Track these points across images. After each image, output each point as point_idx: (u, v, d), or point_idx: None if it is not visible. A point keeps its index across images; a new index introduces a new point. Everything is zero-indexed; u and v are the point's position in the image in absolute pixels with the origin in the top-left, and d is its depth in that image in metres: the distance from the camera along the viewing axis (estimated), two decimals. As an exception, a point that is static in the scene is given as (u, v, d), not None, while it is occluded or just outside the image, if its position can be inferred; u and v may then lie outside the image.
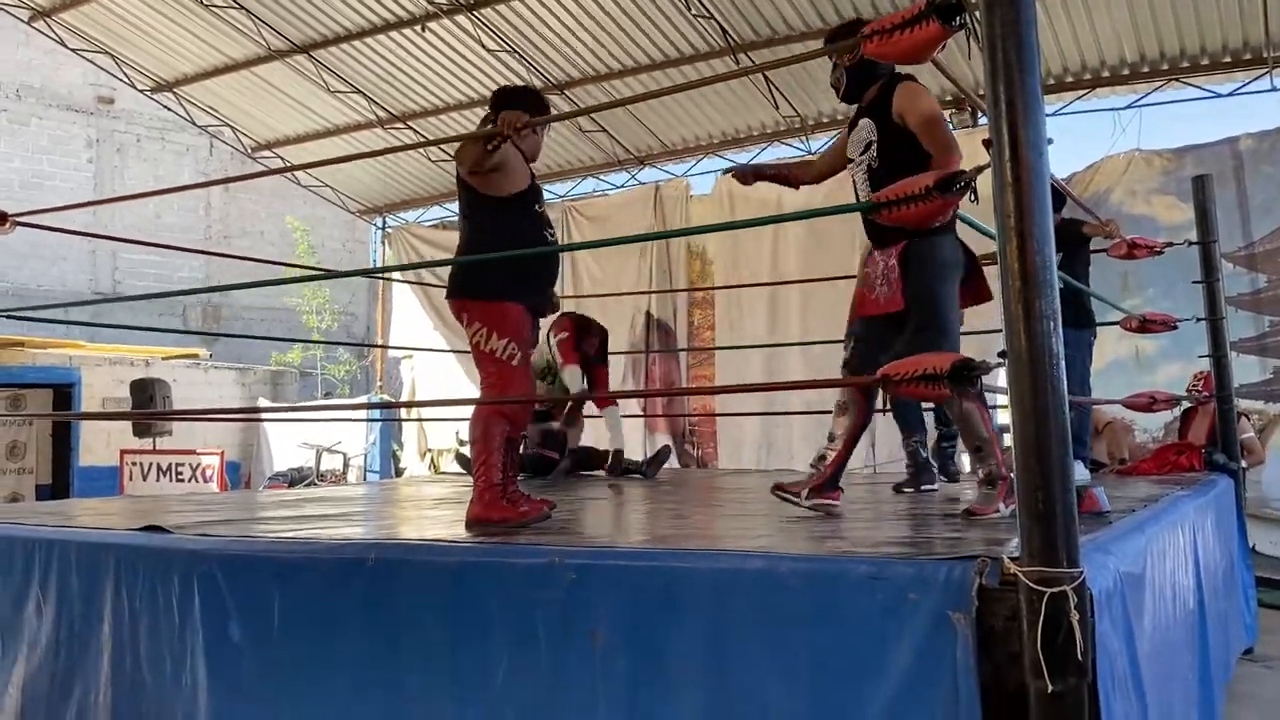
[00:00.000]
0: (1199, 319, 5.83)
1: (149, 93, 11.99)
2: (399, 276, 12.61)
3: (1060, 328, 2.00)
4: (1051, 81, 9.06)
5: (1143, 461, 6.30)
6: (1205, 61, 8.76)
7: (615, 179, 12.16)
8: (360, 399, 14.91)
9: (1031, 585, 1.90)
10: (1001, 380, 2.10)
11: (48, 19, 10.74)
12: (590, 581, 2.40)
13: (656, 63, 9.91)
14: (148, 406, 10.75)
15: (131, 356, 13.25)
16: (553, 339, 6.41)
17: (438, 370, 12.72)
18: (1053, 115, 9.12)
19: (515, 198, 3.56)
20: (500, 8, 9.45)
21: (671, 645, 2.28)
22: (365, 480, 12.45)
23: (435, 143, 5.62)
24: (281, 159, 12.57)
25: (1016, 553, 1.99)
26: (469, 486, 6.13)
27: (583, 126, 11.04)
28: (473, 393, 12.46)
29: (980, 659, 1.97)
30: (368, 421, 12.56)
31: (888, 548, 2.57)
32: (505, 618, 2.49)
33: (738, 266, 10.58)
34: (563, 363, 6.36)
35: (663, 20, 9.30)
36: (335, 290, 17.82)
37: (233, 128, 12.44)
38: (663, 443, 8.64)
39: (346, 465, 12.75)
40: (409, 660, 2.61)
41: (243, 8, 10.03)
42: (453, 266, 3.65)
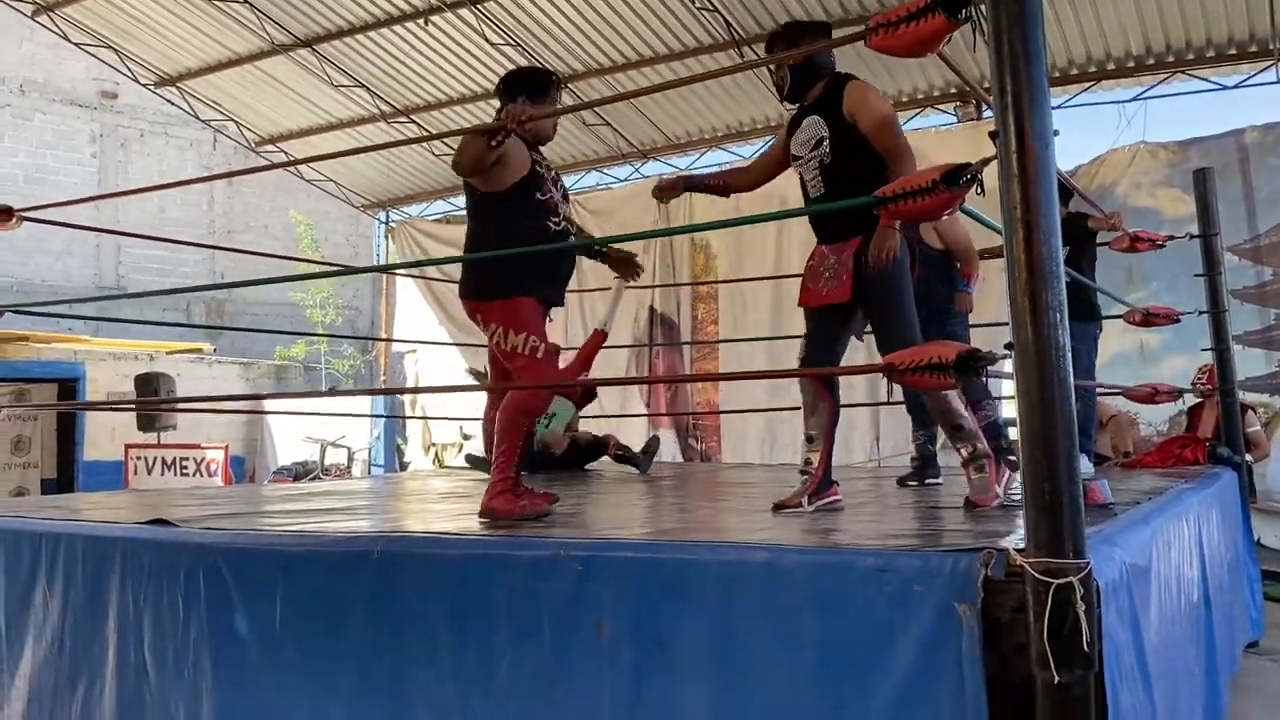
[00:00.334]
0: (1201, 312, 5.82)
1: (152, 87, 11.99)
2: (403, 273, 12.62)
3: (1067, 319, 1.99)
4: (1057, 74, 9.04)
5: (1146, 455, 6.29)
6: (1211, 54, 8.74)
7: (619, 173, 12.17)
8: (363, 388, 14.92)
9: (1038, 576, 1.90)
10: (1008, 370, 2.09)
11: (51, 13, 10.75)
12: (595, 573, 2.40)
13: (660, 56, 9.90)
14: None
15: (136, 351, 13.27)
16: None
17: (441, 364, 12.73)
18: (1058, 108, 9.11)
19: (513, 189, 3.50)
20: (504, 1, 9.44)
21: (677, 637, 2.29)
22: (369, 474, 12.46)
23: (439, 136, 5.61)
24: (285, 153, 12.57)
25: (1022, 544, 1.99)
26: (474, 481, 6.14)
27: (586, 120, 11.03)
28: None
29: (986, 650, 1.97)
30: (372, 416, 12.56)
31: (893, 540, 2.56)
32: (511, 609, 2.49)
33: (741, 260, 10.57)
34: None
35: (666, 14, 9.29)
36: (339, 285, 17.81)
37: (236, 122, 12.45)
38: (665, 436, 8.63)
39: (351, 460, 12.77)
40: (414, 652, 2.61)
41: (246, 2, 10.03)
42: (462, 266, 3.61)
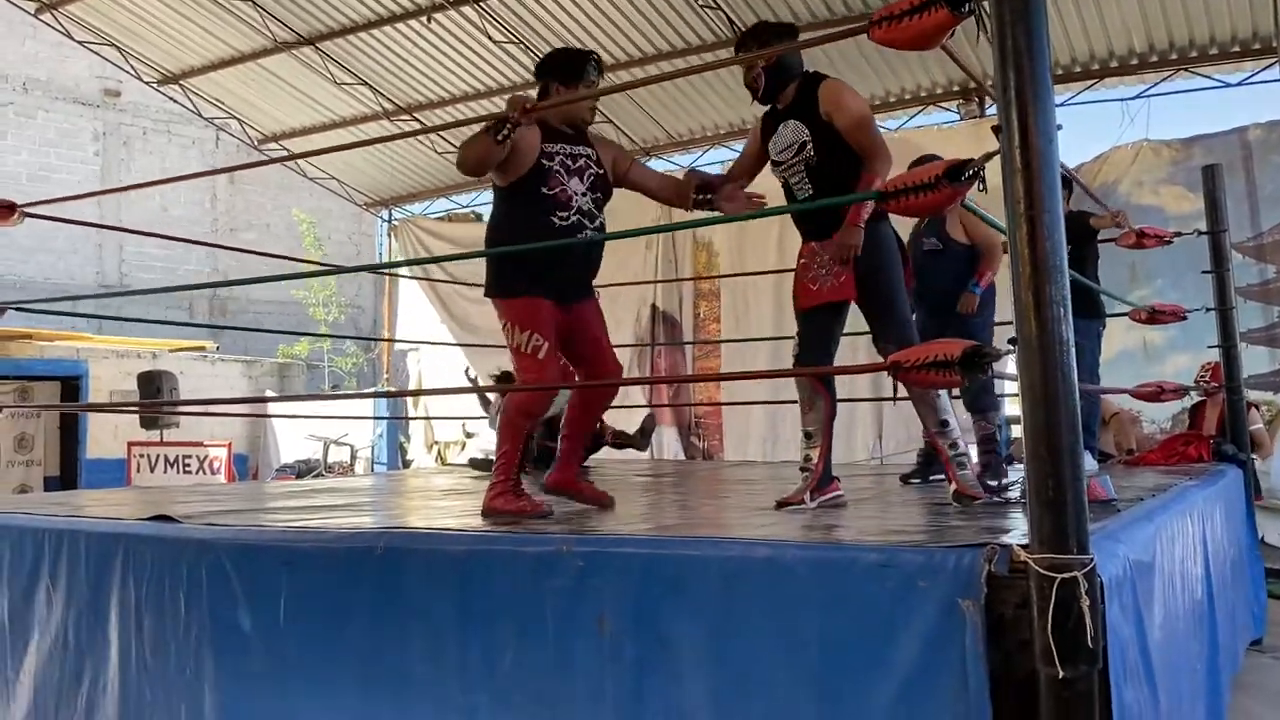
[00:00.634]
0: (1208, 309, 5.81)
1: (155, 85, 11.99)
2: (406, 271, 12.62)
3: (1070, 314, 1.99)
4: (1060, 72, 9.02)
5: (1150, 452, 6.28)
6: (1214, 51, 8.72)
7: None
8: (366, 390, 14.94)
9: (1042, 572, 1.89)
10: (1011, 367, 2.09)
11: (54, 11, 10.75)
12: (598, 569, 2.40)
13: (663, 53, 9.88)
14: (155, 399, 10.78)
15: (139, 349, 13.28)
16: None
17: (444, 362, 12.74)
18: (1061, 105, 9.06)
19: (517, 183, 3.47)
20: (506, -1, 9.44)
21: (679, 633, 2.29)
22: (372, 472, 12.47)
23: (440, 128, 5.59)
24: (288, 151, 12.57)
25: (1026, 540, 1.99)
26: (476, 479, 6.14)
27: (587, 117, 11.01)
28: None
29: (990, 646, 1.97)
30: (374, 415, 12.58)
31: (896, 536, 2.56)
32: (513, 605, 2.49)
33: (743, 258, 10.55)
34: None
35: (669, 11, 9.28)
36: (342, 283, 17.84)
37: (239, 120, 12.44)
38: (667, 433, 8.62)
39: (354, 457, 12.79)
40: (417, 648, 2.61)
41: (249, 0, 10.03)
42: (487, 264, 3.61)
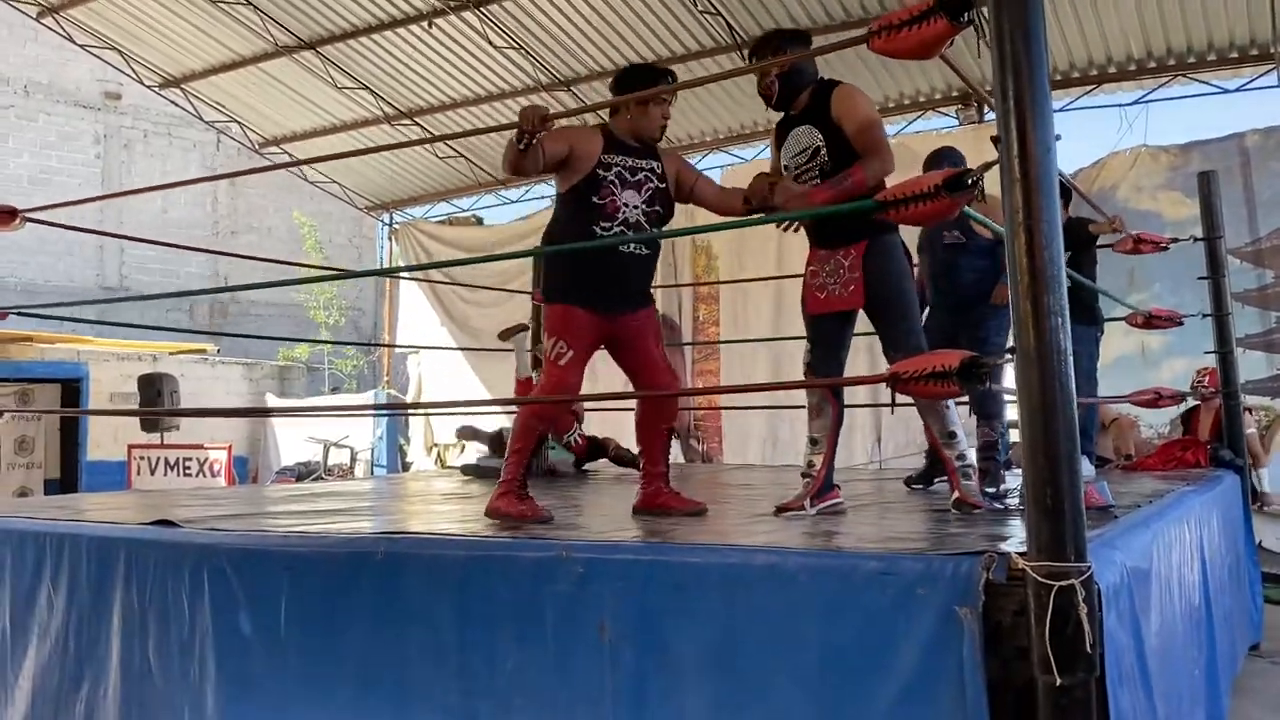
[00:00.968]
0: (1205, 315, 5.82)
1: (156, 89, 12.01)
2: (407, 274, 12.64)
3: (1068, 324, 2.00)
4: (1058, 77, 9.05)
5: (1148, 457, 6.29)
6: (1212, 57, 8.75)
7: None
8: (367, 394, 14.95)
9: (1039, 580, 1.91)
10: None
11: (56, 15, 10.77)
12: (598, 575, 2.42)
13: (663, 59, 9.89)
14: (155, 402, 10.77)
15: (139, 352, 13.28)
16: None
17: (444, 366, 12.75)
18: (1060, 111, 9.11)
19: (570, 191, 3.55)
20: (507, 4, 9.46)
21: (679, 639, 2.30)
22: (372, 475, 12.48)
23: (444, 138, 5.62)
24: (289, 155, 12.58)
25: (1023, 548, 2.00)
26: (476, 482, 6.14)
27: (588, 123, 11.03)
28: (478, 387, 12.41)
29: (988, 654, 1.98)
30: (374, 416, 12.58)
31: (896, 543, 2.57)
32: (514, 610, 2.50)
33: (743, 262, 10.57)
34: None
35: (669, 17, 9.31)
36: (342, 285, 17.84)
37: (240, 123, 12.46)
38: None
39: (354, 460, 12.78)
40: (418, 653, 2.62)
41: (250, 4, 10.05)
42: None
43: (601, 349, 3.64)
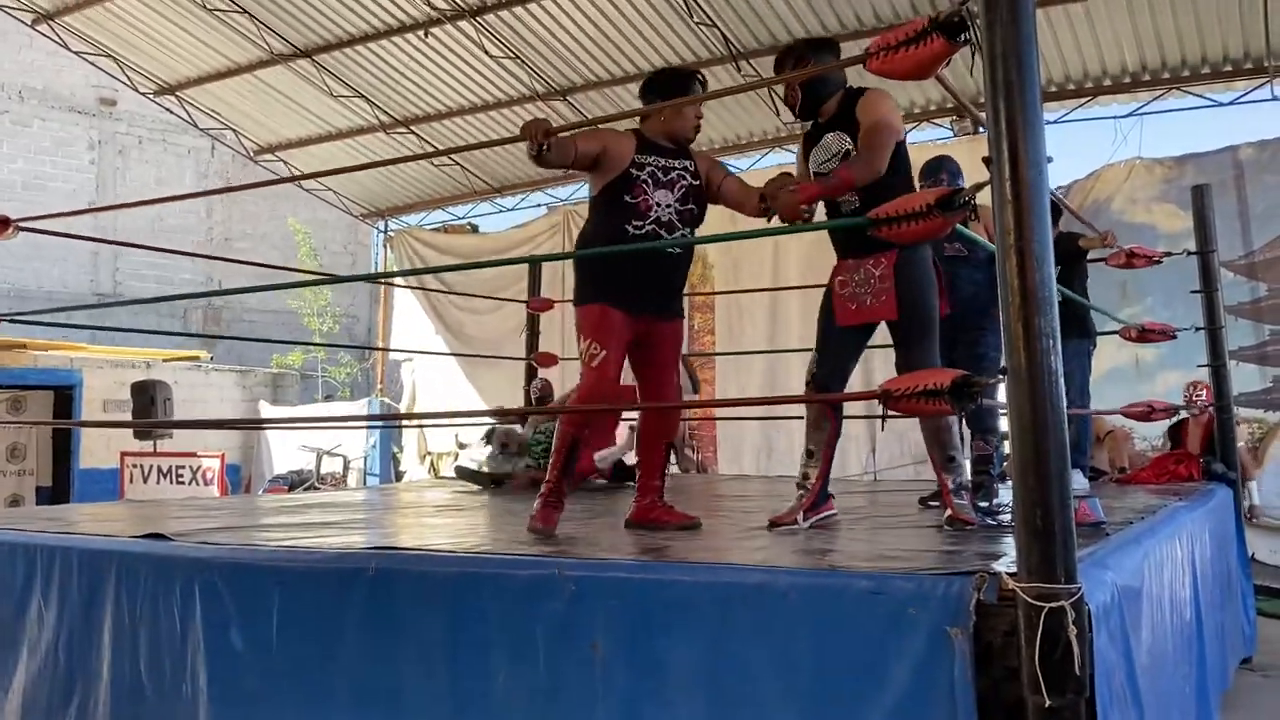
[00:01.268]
0: (1198, 328, 5.84)
1: (151, 95, 12.01)
2: (401, 281, 12.63)
3: (1059, 344, 2.01)
4: (1053, 89, 9.08)
5: (1141, 471, 6.30)
6: (1206, 70, 8.80)
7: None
8: (361, 402, 14.90)
9: (1030, 601, 1.91)
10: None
11: (51, 22, 10.77)
12: (591, 593, 2.41)
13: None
14: (149, 409, 10.75)
15: (133, 358, 13.26)
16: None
17: (438, 373, 12.74)
18: (1054, 123, 9.15)
19: (603, 192, 3.56)
20: (503, 14, 9.48)
21: (672, 657, 2.30)
22: (365, 483, 12.45)
23: (444, 153, 5.61)
24: (284, 162, 12.59)
25: (1014, 568, 2.00)
26: (468, 493, 6.13)
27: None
28: (473, 395, 12.38)
29: (978, 674, 1.99)
30: (368, 425, 12.56)
31: (887, 562, 2.57)
32: (506, 628, 2.50)
33: (738, 271, 10.59)
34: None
35: (665, 28, 9.32)
36: (337, 293, 17.81)
37: (235, 131, 12.46)
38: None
39: (347, 468, 12.75)
40: (409, 670, 2.61)
41: (246, 12, 10.05)
42: None
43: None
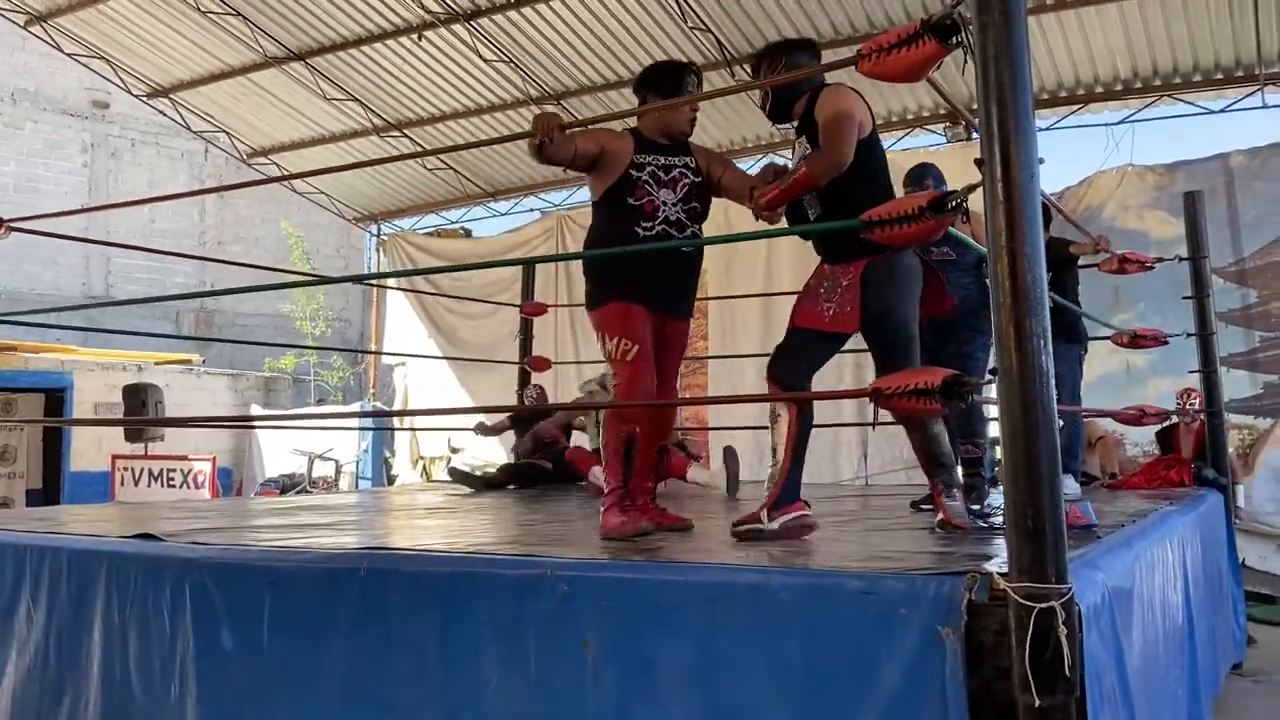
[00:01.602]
0: (1189, 334, 5.86)
1: (144, 98, 11.99)
2: (394, 284, 12.61)
3: (1050, 346, 2.02)
4: (1046, 96, 9.11)
5: (1132, 476, 6.32)
6: (1197, 78, 8.84)
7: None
8: (354, 405, 14.89)
9: (1020, 601, 1.91)
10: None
11: (44, 23, 10.75)
12: (582, 593, 2.41)
13: (653, 74, 9.92)
14: (140, 411, 10.72)
15: (124, 361, 13.23)
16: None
17: (431, 377, 12.72)
18: (1047, 130, 9.17)
19: (605, 195, 3.50)
20: (497, 18, 9.49)
21: (663, 657, 2.29)
22: (357, 487, 12.43)
23: (434, 152, 5.63)
24: (277, 165, 12.57)
25: (1006, 568, 2.01)
26: (462, 496, 6.12)
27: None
28: (465, 399, 12.37)
29: (969, 674, 1.99)
30: (360, 429, 12.54)
31: (879, 562, 2.58)
32: (497, 628, 2.49)
33: (731, 276, 10.59)
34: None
35: (659, 32, 9.34)
36: (329, 296, 17.80)
37: (228, 133, 12.44)
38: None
39: (339, 472, 12.73)
40: (400, 670, 2.61)
41: (239, 15, 10.05)
42: None
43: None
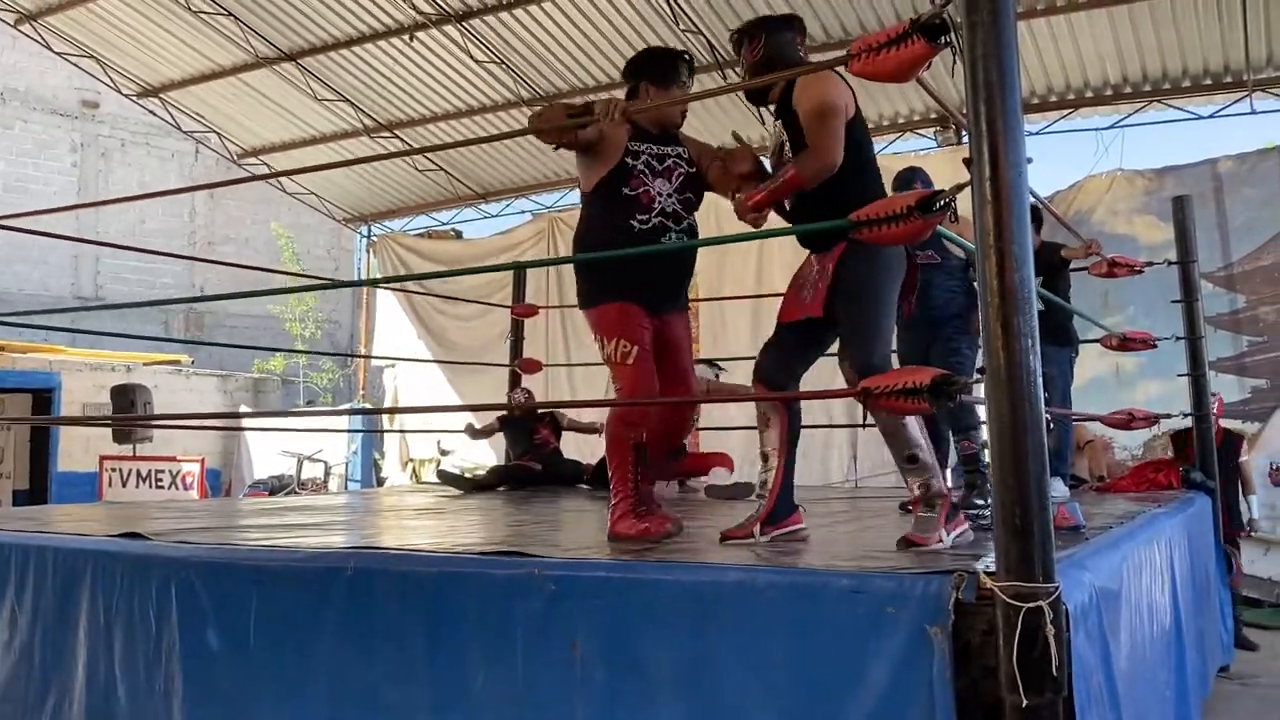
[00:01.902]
0: (1178, 338, 5.88)
1: (134, 97, 11.95)
2: (384, 285, 12.58)
3: (1038, 345, 2.02)
4: (1035, 101, 9.13)
5: (1121, 479, 6.33)
6: (1186, 84, 8.88)
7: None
8: (343, 407, 14.85)
9: (1008, 600, 1.92)
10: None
11: (34, 22, 10.70)
12: (570, 593, 2.41)
13: (644, 76, 9.92)
14: (128, 412, 10.67)
15: (113, 362, 13.17)
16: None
17: (420, 379, 12.69)
18: (1036, 134, 9.19)
19: (598, 187, 3.40)
20: (488, 19, 9.48)
21: (651, 657, 2.29)
22: (346, 489, 12.39)
23: (421, 150, 5.60)
24: (268, 165, 12.53)
25: (993, 567, 2.01)
26: (451, 497, 6.10)
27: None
28: (455, 401, 12.30)
29: (957, 673, 1.99)
30: (349, 431, 12.51)
31: (868, 561, 2.58)
32: (484, 628, 2.49)
33: (722, 278, 10.59)
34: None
35: (650, 34, 9.33)
36: (319, 298, 17.77)
37: (219, 134, 12.40)
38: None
39: (328, 474, 12.69)
40: (387, 669, 2.60)
41: (230, 14, 10.02)
42: None
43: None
